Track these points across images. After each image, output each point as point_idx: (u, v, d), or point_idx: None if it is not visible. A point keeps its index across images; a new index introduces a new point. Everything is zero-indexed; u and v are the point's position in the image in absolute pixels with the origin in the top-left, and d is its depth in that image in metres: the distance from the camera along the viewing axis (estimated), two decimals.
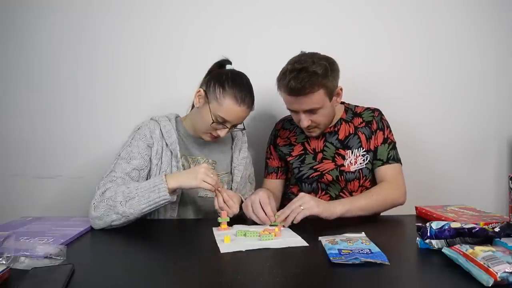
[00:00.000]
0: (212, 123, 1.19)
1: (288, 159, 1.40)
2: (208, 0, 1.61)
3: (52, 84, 1.58)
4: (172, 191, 1.08)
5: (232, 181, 1.34)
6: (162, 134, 1.25)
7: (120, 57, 1.59)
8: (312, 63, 1.20)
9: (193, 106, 1.34)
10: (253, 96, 1.23)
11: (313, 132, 1.33)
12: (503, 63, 1.76)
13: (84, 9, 1.57)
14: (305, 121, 1.25)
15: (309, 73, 1.18)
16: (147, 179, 1.21)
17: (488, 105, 1.76)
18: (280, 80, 1.25)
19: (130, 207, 1.04)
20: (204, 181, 1.06)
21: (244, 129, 1.29)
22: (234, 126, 1.25)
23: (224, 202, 1.12)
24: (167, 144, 1.24)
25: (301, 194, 1.11)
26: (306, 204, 1.06)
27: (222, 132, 1.22)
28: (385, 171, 1.32)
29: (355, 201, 1.19)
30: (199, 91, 1.24)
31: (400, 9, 1.70)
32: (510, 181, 1.05)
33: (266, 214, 1.09)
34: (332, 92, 1.25)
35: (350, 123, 1.38)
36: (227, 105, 1.18)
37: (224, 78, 1.20)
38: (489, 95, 1.76)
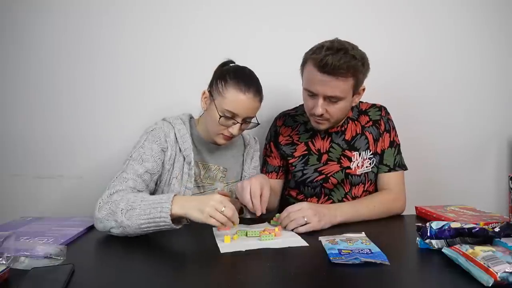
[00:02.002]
0: (220, 118, 1.13)
1: (290, 161, 1.34)
2: (208, 0, 1.61)
3: (52, 84, 1.57)
4: (177, 217, 0.95)
5: None
6: (176, 139, 1.19)
7: (120, 57, 1.59)
8: (351, 48, 1.15)
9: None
10: (260, 86, 1.17)
11: (321, 124, 1.24)
12: (503, 63, 1.76)
13: (84, 9, 1.56)
14: (320, 108, 1.17)
15: (348, 55, 1.12)
16: (156, 184, 1.17)
17: (488, 105, 1.76)
18: (312, 53, 1.16)
19: (128, 218, 0.93)
20: (212, 217, 0.91)
21: (258, 124, 1.22)
22: (246, 121, 1.17)
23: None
24: (180, 150, 1.19)
25: (299, 204, 1.07)
26: (308, 218, 1.03)
27: (234, 129, 1.15)
28: (389, 179, 1.30)
29: (356, 210, 1.15)
30: (204, 93, 1.21)
31: (400, 9, 1.69)
32: (510, 181, 1.05)
33: (253, 204, 1.06)
34: (358, 87, 1.20)
35: (356, 122, 1.34)
36: (231, 96, 1.12)
37: (225, 72, 1.17)
38: (489, 95, 1.76)
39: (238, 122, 1.15)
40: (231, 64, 1.24)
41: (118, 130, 1.59)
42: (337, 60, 1.10)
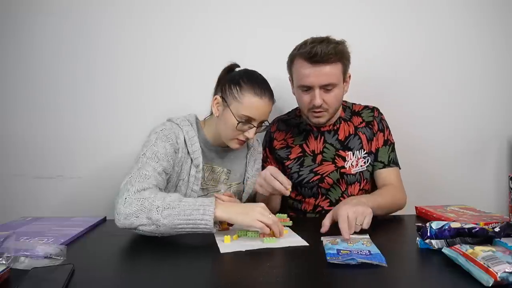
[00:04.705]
0: (238, 124, 1.13)
1: (286, 163, 1.36)
2: (208, 0, 1.61)
3: (52, 84, 1.58)
4: (215, 221, 0.94)
5: (243, 191, 1.32)
6: (185, 141, 1.18)
7: (120, 58, 1.59)
8: (330, 37, 1.23)
9: (210, 114, 1.28)
10: (271, 90, 1.19)
11: (321, 117, 1.27)
12: (503, 63, 1.76)
13: (84, 9, 1.57)
14: (319, 99, 1.21)
15: (333, 42, 1.20)
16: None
17: (488, 105, 1.76)
18: (299, 49, 1.23)
19: (165, 217, 0.91)
20: (258, 220, 0.93)
21: (269, 125, 1.22)
22: (260, 124, 1.19)
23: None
24: (188, 152, 1.18)
25: (341, 211, 0.99)
26: (360, 217, 0.99)
27: (250, 133, 1.16)
28: (386, 174, 1.31)
29: (373, 198, 1.16)
30: (216, 98, 1.19)
31: (400, 9, 1.69)
32: (510, 181, 1.05)
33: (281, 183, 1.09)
34: (346, 72, 1.26)
35: (349, 122, 1.36)
36: (248, 101, 1.13)
37: (238, 77, 1.17)
38: (489, 95, 1.76)
39: (254, 126, 1.16)
40: (237, 69, 1.23)
41: (117, 130, 1.59)
42: (325, 47, 1.18)
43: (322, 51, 1.16)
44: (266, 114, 1.18)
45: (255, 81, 1.15)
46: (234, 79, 1.17)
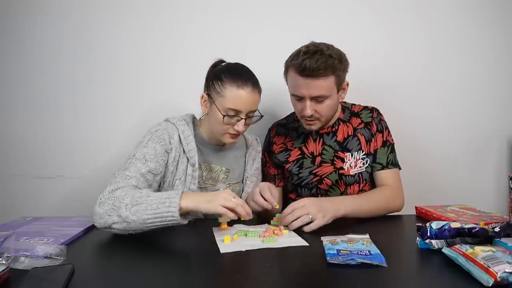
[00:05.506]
0: (224, 117, 1.13)
1: (286, 167, 1.36)
2: (208, 0, 1.62)
3: (52, 84, 1.58)
4: (184, 212, 0.96)
5: (242, 191, 1.32)
6: (180, 140, 1.19)
7: (120, 57, 1.59)
8: (327, 48, 1.20)
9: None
10: (256, 79, 1.18)
11: (313, 125, 1.28)
12: (503, 63, 1.76)
13: (84, 9, 1.57)
14: (309, 109, 1.22)
15: (324, 56, 1.17)
16: (159, 185, 1.17)
17: (488, 105, 1.76)
18: (291, 60, 1.22)
19: (134, 213, 0.93)
20: (223, 206, 0.95)
21: (261, 116, 1.22)
22: (249, 116, 1.17)
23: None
24: (184, 151, 1.19)
25: (303, 200, 1.07)
26: (313, 215, 1.03)
27: (239, 126, 1.15)
28: (384, 175, 1.31)
29: (358, 204, 1.16)
30: (202, 97, 1.20)
31: (400, 8, 1.70)
32: (510, 181, 1.05)
33: (266, 200, 1.10)
34: (341, 83, 1.24)
35: (348, 123, 1.36)
36: (230, 93, 1.13)
37: (219, 72, 1.17)
38: (489, 95, 1.76)
39: (242, 118, 1.15)
40: (222, 64, 1.24)
41: (117, 130, 1.59)
42: (314, 62, 1.16)
43: (311, 66, 1.15)
44: (251, 104, 1.16)
45: (236, 73, 1.15)
46: (216, 75, 1.18)
